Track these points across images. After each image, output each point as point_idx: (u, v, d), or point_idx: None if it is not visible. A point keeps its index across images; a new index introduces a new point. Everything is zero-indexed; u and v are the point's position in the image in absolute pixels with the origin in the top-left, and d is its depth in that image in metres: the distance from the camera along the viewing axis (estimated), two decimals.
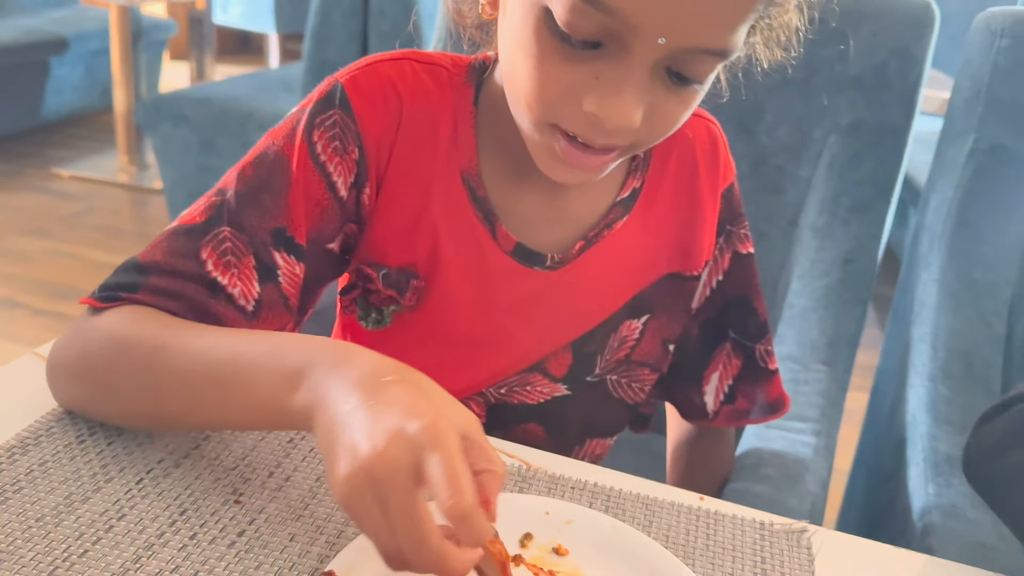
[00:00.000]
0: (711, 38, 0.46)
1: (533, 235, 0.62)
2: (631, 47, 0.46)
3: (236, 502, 0.48)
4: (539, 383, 0.65)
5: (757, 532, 0.51)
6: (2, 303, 2.24)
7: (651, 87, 0.48)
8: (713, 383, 0.71)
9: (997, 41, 0.89)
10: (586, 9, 0.45)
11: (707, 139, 0.66)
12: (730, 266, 0.69)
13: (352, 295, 0.64)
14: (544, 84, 0.49)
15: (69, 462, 0.49)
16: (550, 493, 0.52)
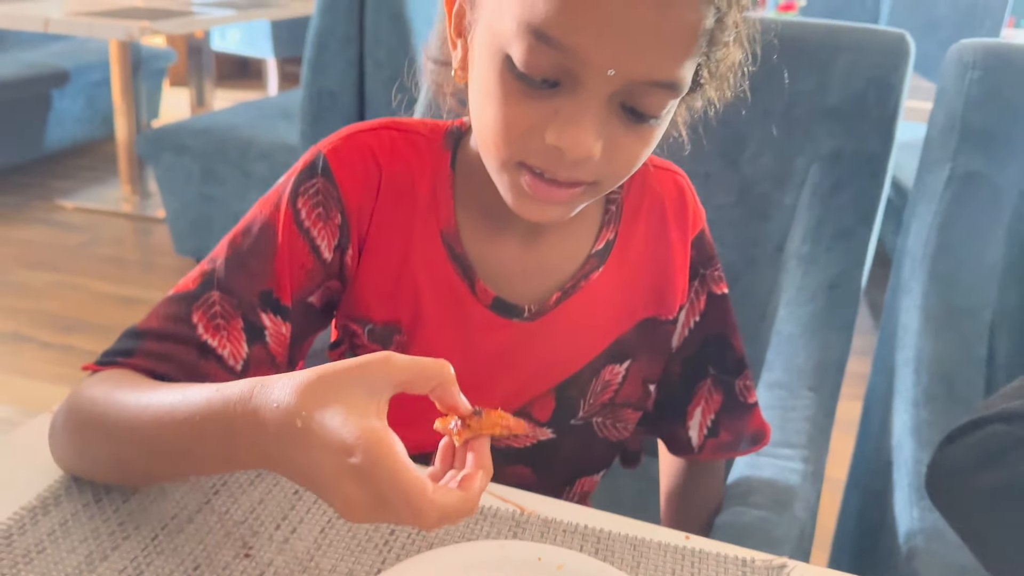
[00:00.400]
0: (657, 70, 0.50)
1: (510, 288, 0.65)
2: (585, 82, 0.50)
3: (246, 555, 0.51)
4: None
5: (739, 569, 0.54)
6: (10, 337, 2.27)
7: (608, 121, 0.52)
8: (697, 418, 0.74)
9: (969, 73, 0.92)
10: (541, 48, 0.49)
11: (675, 191, 0.70)
12: (706, 307, 0.72)
13: (340, 350, 0.68)
14: (509, 122, 0.53)
15: (88, 521, 0.52)
16: (543, 537, 0.55)
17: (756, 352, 1.03)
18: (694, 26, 0.49)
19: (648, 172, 0.70)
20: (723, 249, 1.06)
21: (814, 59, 1.02)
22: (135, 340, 0.58)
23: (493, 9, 0.52)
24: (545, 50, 0.49)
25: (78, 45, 3.71)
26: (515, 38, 0.50)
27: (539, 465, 0.70)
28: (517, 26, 0.49)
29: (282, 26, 4.34)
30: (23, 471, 0.57)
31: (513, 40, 0.50)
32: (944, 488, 0.58)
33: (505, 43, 0.51)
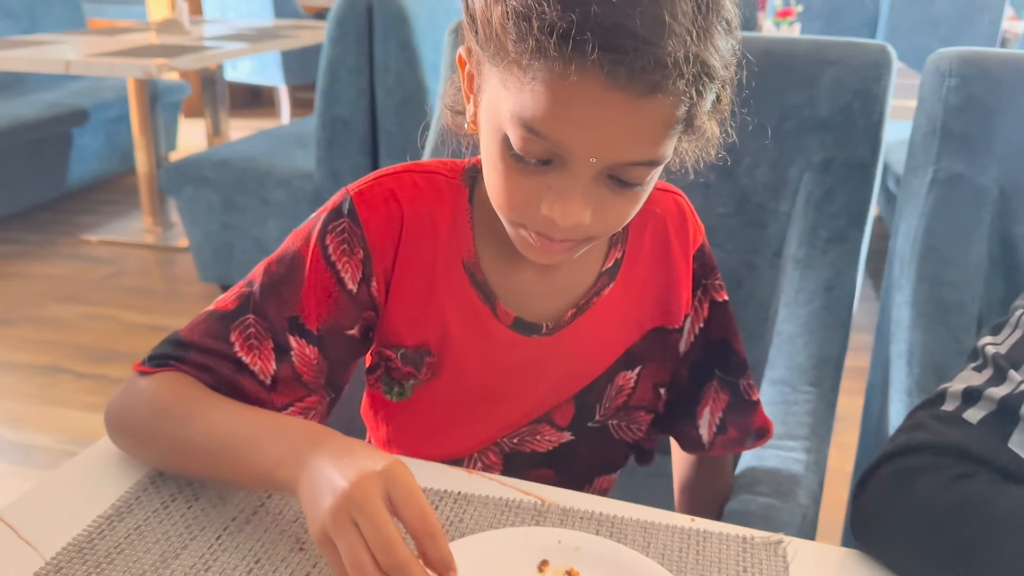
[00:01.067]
0: (635, 154, 0.55)
1: (529, 308, 0.72)
2: (572, 164, 0.56)
3: (300, 549, 0.58)
4: (547, 432, 0.76)
5: (739, 546, 0.60)
6: (46, 370, 2.36)
7: (596, 191, 0.57)
8: (706, 417, 0.80)
9: (946, 80, 0.98)
10: (531, 137, 0.55)
11: (675, 211, 0.76)
12: (709, 314, 0.78)
13: (376, 374, 0.75)
14: (509, 194, 0.60)
15: (159, 525, 0.59)
16: (562, 524, 0.61)
17: (759, 351, 1.09)
18: (667, 119, 0.54)
19: (651, 195, 0.74)
20: (725, 256, 1.13)
21: (802, 74, 1.09)
22: (182, 349, 0.66)
23: (494, 87, 0.58)
24: (535, 139, 0.55)
25: (95, 83, 3.82)
26: (509, 125, 0.56)
27: (560, 466, 0.77)
28: (511, 116, 0.55)
29: (292, 55, 4.44)
30: (96, 484, 0.63)
31: (508, 126, 0.56)
32: (864, 528, 0.62)
33: (503, 124, 0.57)
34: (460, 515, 0.61)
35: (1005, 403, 0.60)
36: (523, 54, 0.53)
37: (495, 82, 0.58)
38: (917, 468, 0.60)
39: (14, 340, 2.51)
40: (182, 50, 2.92)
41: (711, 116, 0.60)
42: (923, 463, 0.60)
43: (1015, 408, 0.59)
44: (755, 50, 1.09)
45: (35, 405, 2.19)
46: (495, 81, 0.58)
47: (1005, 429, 0.59)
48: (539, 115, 0.54)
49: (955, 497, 0.57)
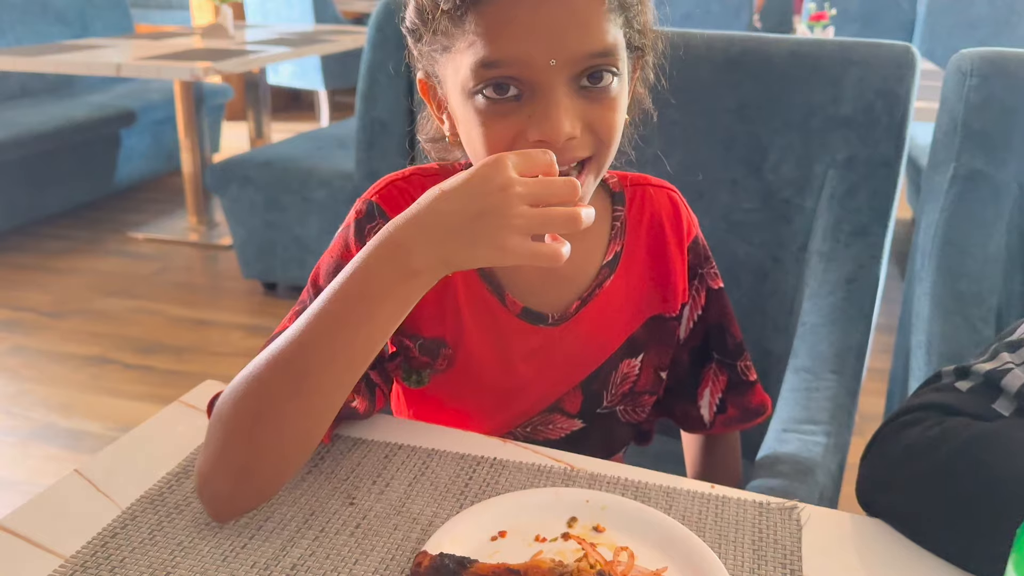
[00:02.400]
0: (587, 44, 0.61)
1: (535, 299, 0.76)
2: (539, 82, 0.61)
3: (350, 503, 0.63)
4: (559, 421, 0.80)
5: (756, 510, 0.64)
6: (96, 360, 2.45)
7: (572, 103, 0.62)
8: (706, 398, 0.85)
9: (968, 80, 1.02)
10: (493, 72, 0.61)
11: (669, 205, 0.81)
12: (706, 301, 0.83)
13: (396, 361, 0.79)
14: (495, 139, 0.63)
15: None
16: (589, 487, 0.66)
17: (784, 342, 1.13)
18: (598, 1, 0.61)
19: (647, 192, 0.81)
20: (751, 249, 1.17)
21: (828, 74, 1.12)
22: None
23: (452, 73, 0.65)
24: (496, 72, 0.61)
25: (142, 86, 3.94)
26: (473, 79, 0.62)
27: (571, 451, 0.81)
28: (471, 71, 0.62)
29: (331, 59, 4.53)
30: (167, 445, 0.70)
31: (472, 81, 0.62)
32: (862, 485, 0.66)
33: (470, 88, 0.63)
34: (496, 478, 0.67)
35: (990, 376, 0.65)
36: (455, 15, 0.61)
37: (451, 68, 0.64)
38: (906, 423, 0.65)
39: (65, 332, 2.62)
40: (226, 54, 3.01)
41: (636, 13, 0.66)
42: (912, 419, 0.65)
43: (997, 381, 0.64)
44: (782, 51, 1.14)
45: (85, 394, 2.28)
46: (451, 67, 0.64)
47: (991, 395, 0.64)
48: (492, 46, 0.60)
49: (936, 432, 0.62)
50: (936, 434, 0.61)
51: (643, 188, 0.81)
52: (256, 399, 0.59)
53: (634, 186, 0.81)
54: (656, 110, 0.80)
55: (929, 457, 0.61)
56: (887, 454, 0.65)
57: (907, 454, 0.62)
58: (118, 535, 0.59)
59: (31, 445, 2.05)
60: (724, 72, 1.15)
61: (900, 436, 0.64)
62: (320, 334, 0.57)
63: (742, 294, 1.20)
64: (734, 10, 4.18)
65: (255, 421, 0.59)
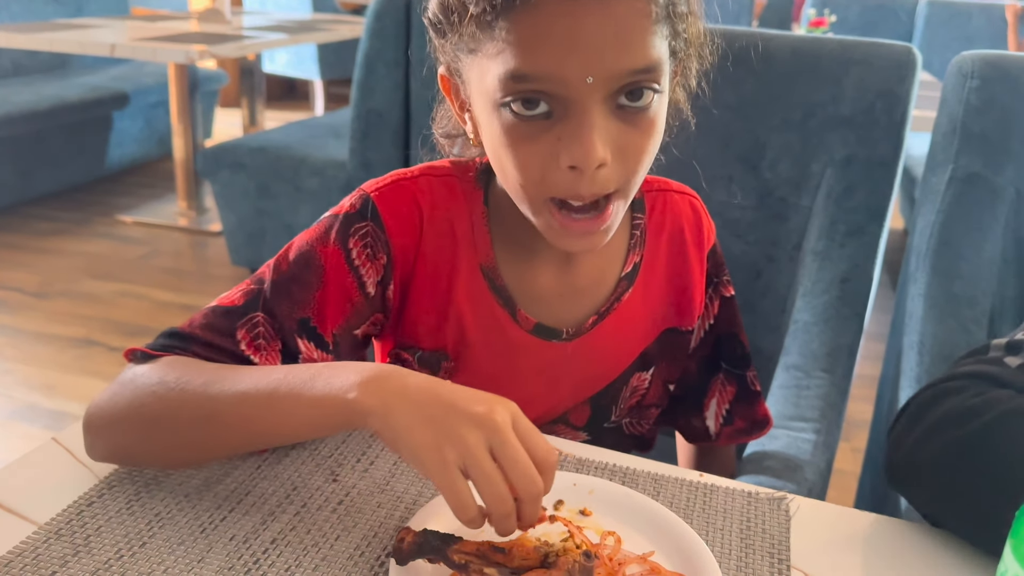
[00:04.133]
0: (627, 61, 0.55)
1: (549, 314, 0.72)
2: (571, 100, 0.55)
3: (334, 480, 0.62)
4: (563, 432, 0.77)
5: (745, 499, 0.63)
6: (81, 342, 2.43)
7: (607, 126, 0.56)
8: (712, 409, 0.83)
9: (968, 82, 1.01)
10: (524, 87, 0.56)
11: (691, 213, 0.78)
12: (719, 310, 0.81)
13: None
14: (524, 163, 0.58)
15: None
16: (577, 471, 0.65)
17: (776, 340, 1.12)
18: (644, 12, 0.55)
19: (668, 198, 0.77)
20: (746, 247, 1.16)
21: (828, 73, 1.12)
22: (183, 341, 0.63)
23: (477, 78, 0.60)
24: (527, 87, 0.56)
25: (136, 69, 3.91)
26: (501, 90, 0.56)
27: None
28: (500, 81, 0.56)
29: (328, 49, 4.52)
30: None
31: (500, 92, 0.57)
32: (895, 451, 0.64)
33: (497, 99, 0.57)
34: None
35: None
36: (486, 21, 0.55)
37: (476, 72, 0.59)
38: (948, 390, 0.63)
39: (51, 313, 2.59)
40: (223, 38, 2.99)
41: (684, 21, 0.60)
42: (955, 386, 0.63)
43: None
44: (783, 48, 1.13)
45: (69, 375, 2.26)
46: (476, 72, 0.59)
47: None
48: (523, 58, 0.55)
49: (978, 401, 0.59)
50: (978, 403, 0.59)
51: (665, 194, 0.77)
52: (163, 408, 0.57)
53: (656, 192, 0.77)
54: (694, 116, 0.74)
55: (966, 425, 0.58)
56: (924, 417, 0.62)
57: (945, 419, 0.60)
58: (94, 504, 0.58)
59: (13, 425, 2.02)
60: (724, 67, 1.14)
61: (942, 401, 0.62)
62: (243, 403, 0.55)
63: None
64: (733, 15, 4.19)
65: (154, 426, 0.58)
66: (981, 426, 0.57)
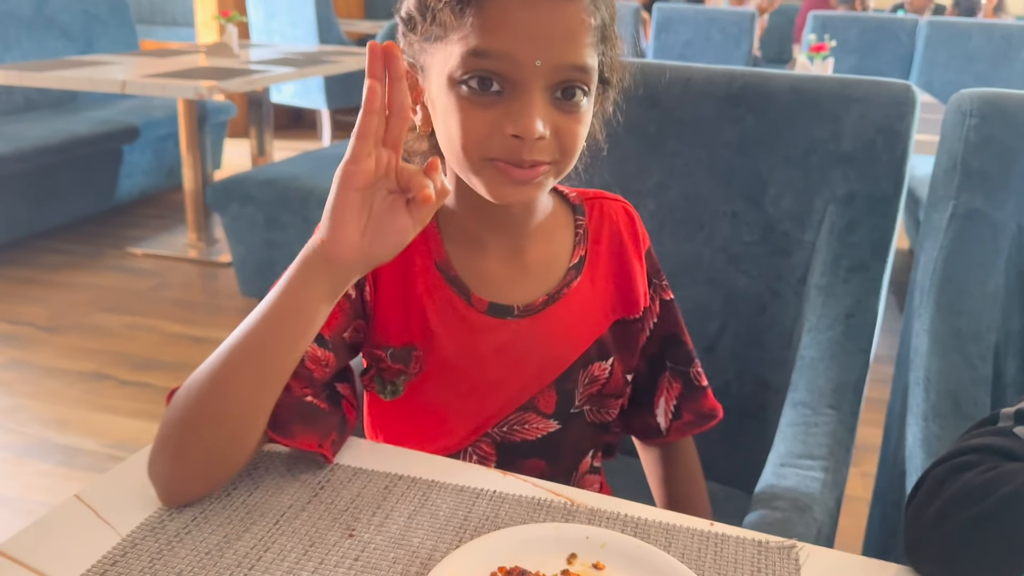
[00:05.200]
0: (570, 55, 0.67)
1: (501, 295, 0.80)
2: (522, 82, 0.66)
3: (350, 535, 0.63)
4: (534, 420, 0.83)
5: (755, 549, 0.64)
6: (92, 376, 2.45)
7: (547, 112, 0.68)
8: (662, 406, 0.90)
9: (967, 120, 1.03)
10: (482, 63, 0.66)
11: (625, 215, 0.87)
12: (660, 311, 0.88)
13: (370, 374, 0.82)
14: (472, 127, 0.68)
15: (222, 510, 0.65)
16: (589, 522, 0.66)
17: (782, 375, 1.13)
18: (585, 22, 0.68)
19: (604, 204, 0.87)
20: (750, 282, 1.17)
21: (829, 110, 1.13)
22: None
23: (440, 62, 0.69)
24: (485, 63, 0.66)
25: (145, 103, 3.96)
26: (461, 66, 0.67)
27: (549, 455, 0.84)
28: (461, 59, 0.66)
29: (334, 80, 4.56)
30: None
31: (460, 69, 0.67)
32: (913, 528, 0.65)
33: (457, 76, 0.67)
34: (496, 511, 0.67)
35: None
36: (456, 7, 0.66)
37: (441, 56, 0.69)
38: (963, 464, 0.64)
39: (61, 347, 2.62)
40: (231, 73, 3.03)
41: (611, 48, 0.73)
42: (968, 460, 0.64)
43: None
44: (782, 86, 1.15)
45: (80, 410, 2.27)
46: (440, 56, 0.69)
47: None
48: (484, 37, 0.66)
49: (993, 476, 0.60)
50: (992, 478, 0.60)
51: (600, 201, 0.87)
52: (193, 384, 0.66)
53: (593, 199, 0.87)
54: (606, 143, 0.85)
55: (982, 502, 0.60)
56: (939, 494, 0.63)
57: (960, 497, 0.61)
58: (118, 563, 0.59)
59: (25, 461, 2.04)
60: (726, 106, 1.16)
61: (956, 477, 0.63)
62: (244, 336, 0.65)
63: (741, 326, 1.20)
64: (735, 39, 4.22)
65: (183, 407, 0.65)
66: (996, 502, 0.59)
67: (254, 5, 4.78)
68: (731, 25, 4.33)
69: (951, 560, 0.62)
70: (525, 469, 0.80)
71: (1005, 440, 0.65)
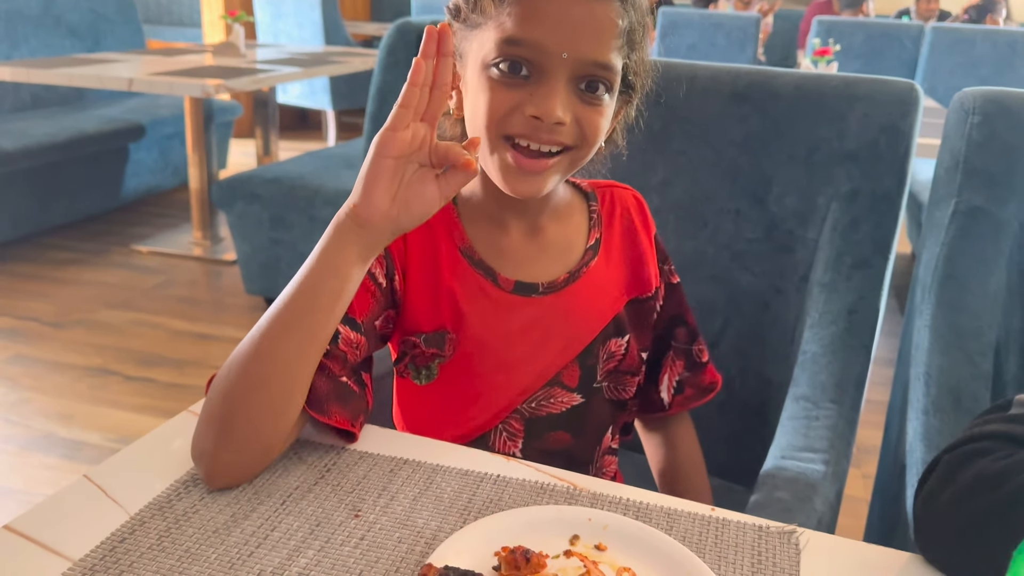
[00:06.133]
0: (596, 52, 0.71)
1: (523, 272, 0.84)
2: (549, 70, 0.71)
3: (356, 516, 0.64)
4: (559, 395, 0.85)
5: (755, 533, 0.65)
6: (98, 371, 2.46)
7: (570, 100, 0.72)
8: (665, 383, 0.96)
9: (970, 118, 1.04)
10: (513, 49, 0.71)
11: (634, 202, 0.92)
12: (666, 294, 0.94)
13: (404, 362, 0.85)
14: (496, 105, 0.72)
15: (228, 492, 0.66)
16: (592, 506, 0.67)
17: (785, 370, 1.14)
18: (613, 23, 0.72)
19: (614, 191, 0.92)
20: (753, 279, 1.18)
21: (833, 109, 1.14)
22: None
23: (476, 48, 0.74)
24: (516, 50, 0.71)
25: (152, 101, 3.98)
26: (494, 51, 0.71)
27: (574, 428, 0.87)
28: (495, 44, 0.71)
29: (339, 81, 4.58)
30: (176, 452, 0.71)
31: (494, 53, 0.72)
32: (924, 516, 0.65)
33: (491, 59, 0.72)
34: (500, 495, 0.67)
35: None
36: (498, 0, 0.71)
37: (477, 43, 0.74)
38: (975, 451, 0.64)
39: (68, 343, 2.63)
40: (237, 72, 3.04)
41: (637, 52, 0.77)
42: (982, 447, 0.64)
43: None
44: (787, 85, 1.16)
45: (85, 404, 2.29)
46: (477, 42, 0.74)
47: None
48: (518, 26, 0.70)
49: (1005, 464, 0.60)
50: (1005, 466, 0.60)
51: (610, 189, 0.92)
52: (234, 358, 0.68)
53: (604, 188, 0.92)
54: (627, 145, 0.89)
55: (999, 488, 0.59)
56: (955, 479, 0.63)
57: (977, 482, 0.61)
58: (126, 540, 0.60)
59: (30, 454, 2.05)
60: (730, 105, 1.17)
61: (972, 463, 0.63)
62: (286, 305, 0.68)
63: (744, 322, 1.21)
64: (739, 43, 4.23)
65: (226, 378, 0.67)
66: (1013, 489, 0.58)
67: (261, 6, 4.80)
68: (736, 30, 4.34)
69: (963, 547, 0.62)
70: (551, 441, 0.86)
71: (1019, 427, 0.65)
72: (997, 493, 0.59)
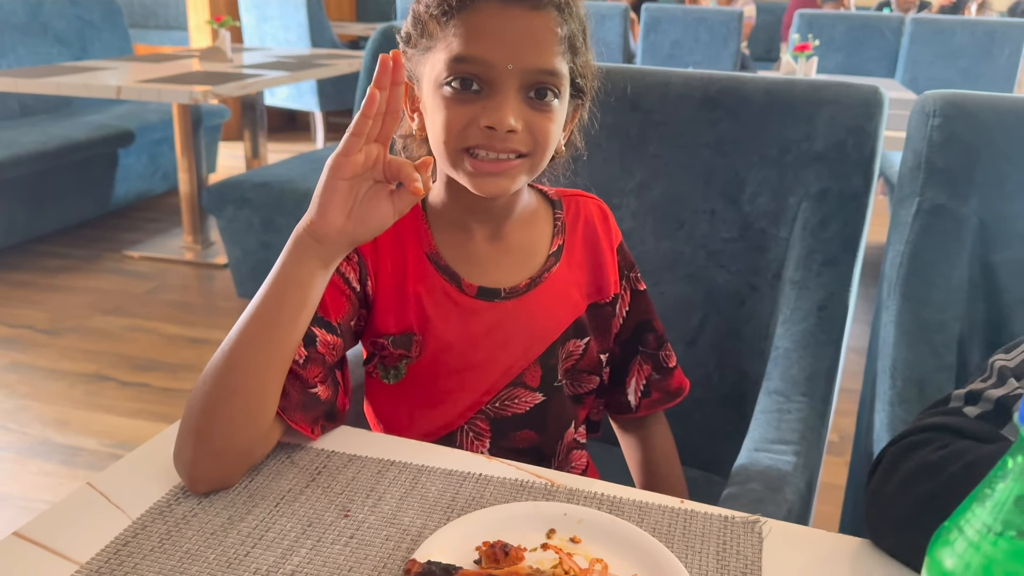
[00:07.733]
0: (539, 61, 0.76)
1: (487, 278, 0.87)
2: (495, 82, 0.75)
3: (345, 516, 0.68)
4: (522, 395, 0.90)
5: (721, 524, 0.69)
6: (93, 377, 2.49)
7: (520, 108, 0.76)
8: (632, 386, 0.99)
9: (930, 120, 1.08)
10: (462, 67, 0.75)
11: (598, 211, 0.95)
12: (632, 300, 0.97)
13: (373, 363, 0.89)
14: (453, 120, 0.76)
15: (226, 494, 0.70)
16: (568, 501, 0.71)
17: (759, 365, 1.18)
18: (553, 32, 0.76)
19: (579, 200, 0.95)
20: (729, 277, 1.23)
21: (801, 112, 1.18)
22: None
23: (429, 70, 0.78)
24: (465, 67, 0.75)
25: (140, 107, 4.00)
26: (445, 71, 0.76)
27: (537, 426, 0.91)
28: (445, 64, 0.76)
29: (327, 82, 4.60)
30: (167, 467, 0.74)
31: (445, 72, 0.76)
32: (873, 506, 0.68)
33: (442, 79, 0.76)
34: (481, 492, 0.71)
35: (1001, 403, 0.68)
36: (442, 19, 0.76)
37: (429, 65, 0.78)
38: (915, 443, 0.68)
39: (62, 349, 2.66)
40: (225, 77, 3.07)
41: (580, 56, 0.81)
42: (922, 439, 0.68)
43: (1009, 407, 0.67)
44: (757, 89, 1.20)
45: (81, 410, 2.32)
46: (429, 65, 0.78)
47: (1000, 422, 0.67)
48: (464, 44, 0.75)
49: (943, 454, 0.64)
50: (944, 456, 0.64)
51: (575, 198, 0.95)
52: (208, 370, 0.71)
53: (570, 196, 0.95)
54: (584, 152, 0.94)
55: (935, 478, 0.63)
56: (894, 472, 0.67)
57: (914, 474, 0.65)
58: (130, 543, 0.64)
59: (28, 460, 2.08)
60: (704, 109, 1.21)
61: (910, 456, 0.67)
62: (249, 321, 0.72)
63: (721, 319, 1.25)
64: (722, 38, 4.27)
65: (201, 389, 0.71)
66: (947, 478, 0.62)
67: (246, 9, 4.82)
68: (719, 24, 4.38)
69: (908, 533, 0.66)
70: (517, 440, 0.90)
71: (956, 419, 0.69)
72: (934, 481, 0.63)
